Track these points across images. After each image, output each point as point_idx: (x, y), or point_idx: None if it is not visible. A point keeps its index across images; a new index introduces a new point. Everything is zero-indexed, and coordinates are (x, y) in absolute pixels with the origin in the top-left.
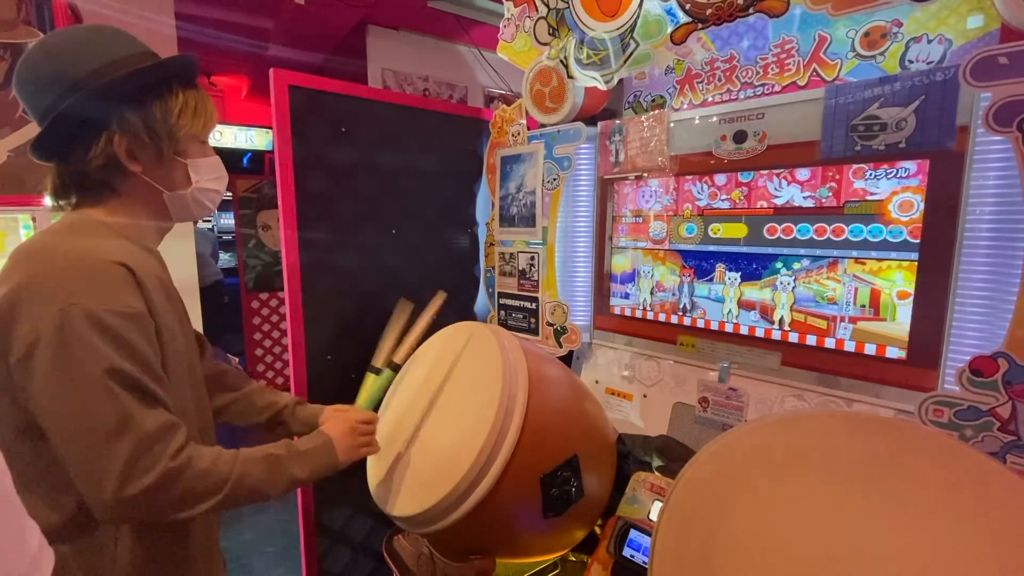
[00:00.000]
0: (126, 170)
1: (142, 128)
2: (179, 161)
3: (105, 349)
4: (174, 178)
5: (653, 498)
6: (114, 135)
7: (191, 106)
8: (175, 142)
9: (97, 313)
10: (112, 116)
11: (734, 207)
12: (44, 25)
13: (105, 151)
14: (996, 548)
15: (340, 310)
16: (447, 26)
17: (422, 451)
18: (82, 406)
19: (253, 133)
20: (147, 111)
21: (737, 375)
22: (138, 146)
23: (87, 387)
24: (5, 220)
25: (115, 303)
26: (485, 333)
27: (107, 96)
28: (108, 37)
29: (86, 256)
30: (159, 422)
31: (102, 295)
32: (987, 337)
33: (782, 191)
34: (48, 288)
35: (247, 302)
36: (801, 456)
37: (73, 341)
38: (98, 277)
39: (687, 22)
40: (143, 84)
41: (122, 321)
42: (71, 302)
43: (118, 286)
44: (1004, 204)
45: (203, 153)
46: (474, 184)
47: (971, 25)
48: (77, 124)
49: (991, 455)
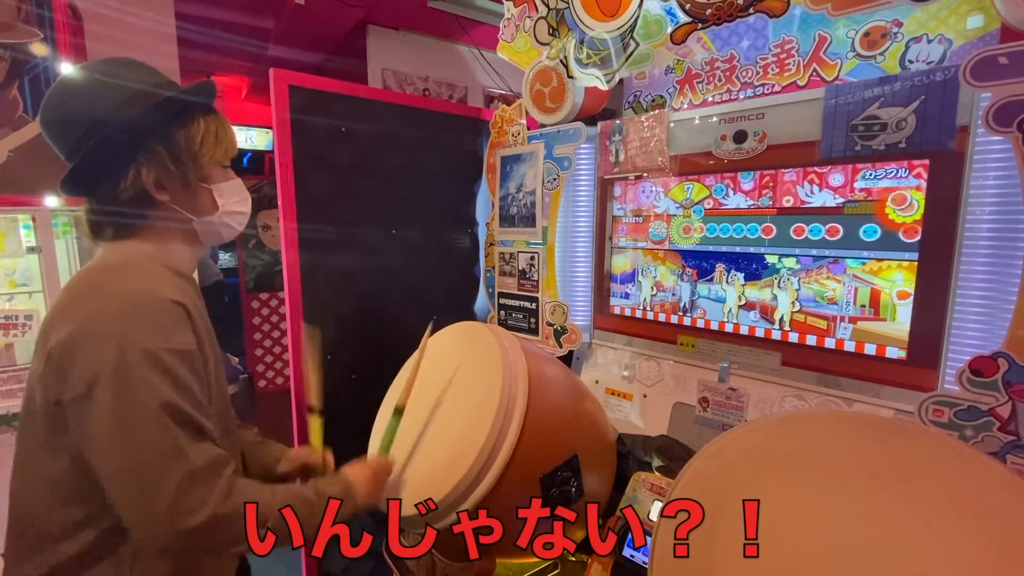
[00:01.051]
0: (155, 201)
1: (168, 158)
2: (204, 187)
3: (161, 385)
4: (201, 204)
5: (653, 498)
6: (142, 167)
7: (212, 132)
8: (200, 168)
9: (154, 352)
10: (139, 149)
11: (736, 207)
12: (44, 25)
13: (135, 184)
14: (996, 548)
15: (340, 310)
16: (447, 26)
17: (422, 451)
18: (137, 439)
19: (253, 133)
20: (172, 141)
21: (737, 375)
22: (165, 176)
23: (143, 421)
24: (5, 220)
25: (170, 341)
26: (485, 333)
27: (133, 130)
28: (128, 71)
29: (143, 295)
30: (208, 457)
31: (158, 334)
32: (987, 337)
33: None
34: (106, 328)
35: (247, 302)
36: (801, 456)
37: (131, 378)
38: (155, 317)
39: (687, 22)
40: (166, 115)
41: (176, 359)
42: (129, 340)
43: (173, 325)
44: (1004, 204)
45: (226, 177)
46: (474, 184)
47: (971, 25)
48: (106, 158)
49: (991, 455)
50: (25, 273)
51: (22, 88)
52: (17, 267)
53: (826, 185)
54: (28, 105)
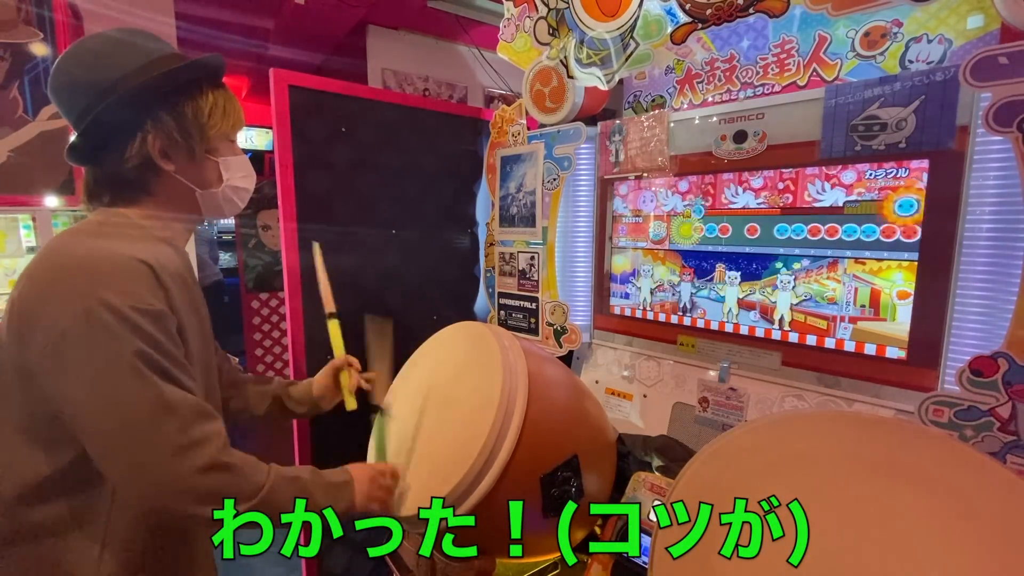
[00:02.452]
0: (160, 169)
1: (175, 128)
2: (210, 160)
3: (131, 336)
4: (206, 176)
5: (653, 498)
6: (148, 135)
7: (220, 105)
8: (206, 141)
9: (121, 308)
10: (146, 117)
11: (736, 207)
12: (44, 25)
13: (140, 151)
14: (996, 548)
15: (340, 310)
16: (447, 26)
17: (422, 451)
18: (118, 395)
19: (253, 133)
20: (179, 111)
21: (737, 375)
22: (171, 146)
23: (119, 374)
24: (5, 220)
25: (137, 301)
26: (485, 333)
27: (142, 98)
28: (139, 40)
29: (109, 253)
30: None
31: (125, 292)
32: (987, 337)
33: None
34: (71, 283)
35: (247, 302)
36: (801, 456)
37: (97, 331)
38: (120, 274)
39: (687, 22)
40: (175, 85)
41: (144, 318)
42: (94, 296)
43: (139, 284)
44: (1004, 204)
45: (232, 152)
46: (474, 184)
47: (971, 25)
48: (114, 126)
49: (991, 455)
50: None
51: (22, 88)
52: (17, 267)
53: (838, 183)
54: (28, 105)
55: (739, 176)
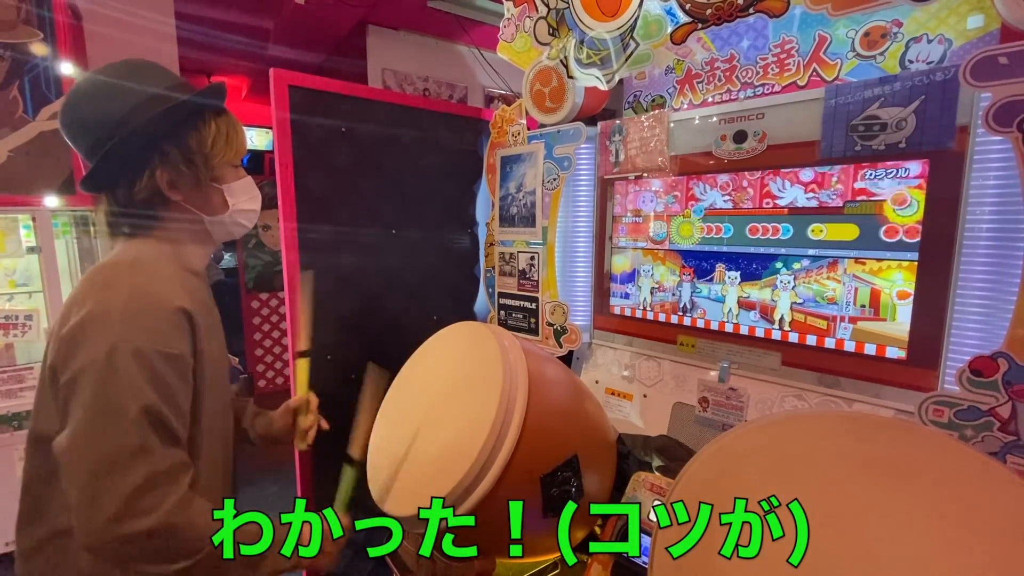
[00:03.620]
0: (168, 200)
1: (181, 160)
2: (216, 187)
3: (145, 386)
4: (213, 204)
5: (653, 498)
6: (156, 169)
7: (224, 133)
8: (211, 169)
9: (145, 352)
10: (153, 151)
11: (735, 207)
12: (44, 25)
13: (149, 184)
14: (996, 548)
15: (340, 310)
16: (447, 26)
17: (422, 451)
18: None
19: (253, 133)
20: (184, 143)
21: (737, 375)
22: (178, 176)
23: (119, 419)
24: (5, 220)
25: (164, 345)
26: (485, 333)
27: (147, 132)
28: (145, 73)
29: (148, 296)
30: (172, 461)
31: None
32: (987, 337)
33: (785, 192)
34: (105, 323)
35: (247, 302)
36: (801, 456)
37: (117, 375)
38: (155, 319)
39: (687, 22)
40: (179, 118)
41: (165, 363)
42: (124, 338)
43: (171, 330)
44: (1004, 204)
45: (236, 176)
46: (474, 184)
47: (971, 25)
48: (122, 160)
49: (991, 455)
50: (25, 273)
51: (22, 88)
52: (17, 267)
53: (828, 185)
54: (28, 105)
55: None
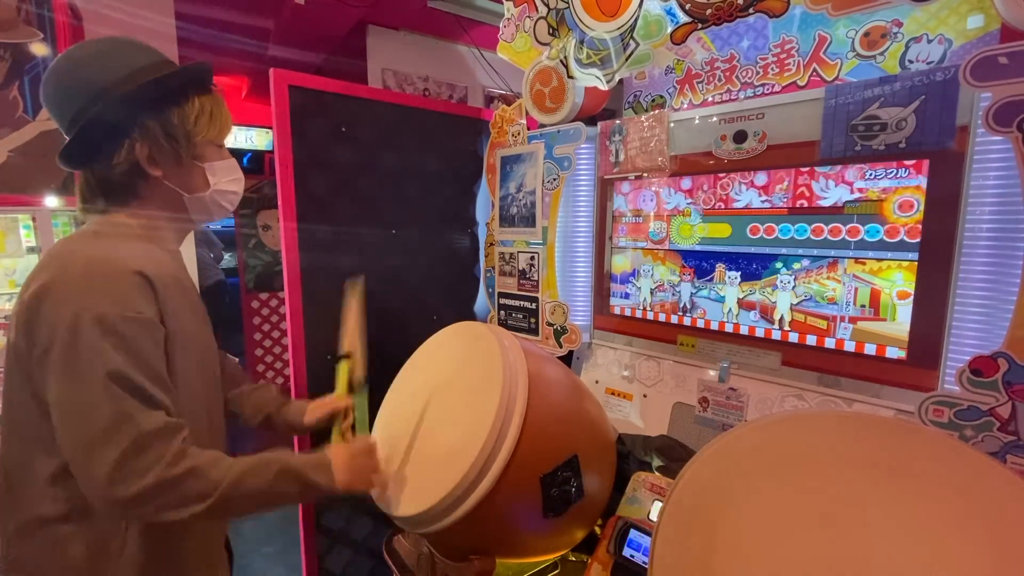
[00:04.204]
0: (147, 175)
1: (161, 134)
2: (197, 165)
3: (111, 352)
4: (193, 181)
5: (653, 498)
6: (136, 142)
7: (207, 111)
8: (193, 147)
9: (107, 318)
10: (134, 123)
11: (735, 207)
12: (44, 25)
13: (128, 157)
14: (996, 548)
15: (340, 310)
16: (447, 26)
17: (422, 451)
18: (83, 405)
19: (253, 133)
20: (166, 117)
21: (737, 375)
22: (158, 151)
23: (89, 387)
24: (5, 220)
25: (128, 308)
26: (485, 333)
27: (129, 104)
28: (129, 48)
29: (105, 262)
30: (158, 423)
31: (115, 301)
32: (987, 337)
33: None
34: (66, 291)
35: (247, 302)
36: (801, 456)
37: (81, 343)
38: (114, 283)
39: (687, 22)
40: (163, 92)
41: (130, 326)
42: (85, 306)
43: (132, 293)
44: (1004, 204)
45: (220, 156)
46: (474, 184)
47: (971, 25)
48: (101, 132)
49: (991, 455)
50: (25, 273)
51: (22, 88)
52: (17, 267)
53: (842, 181)
54: (28, 105)
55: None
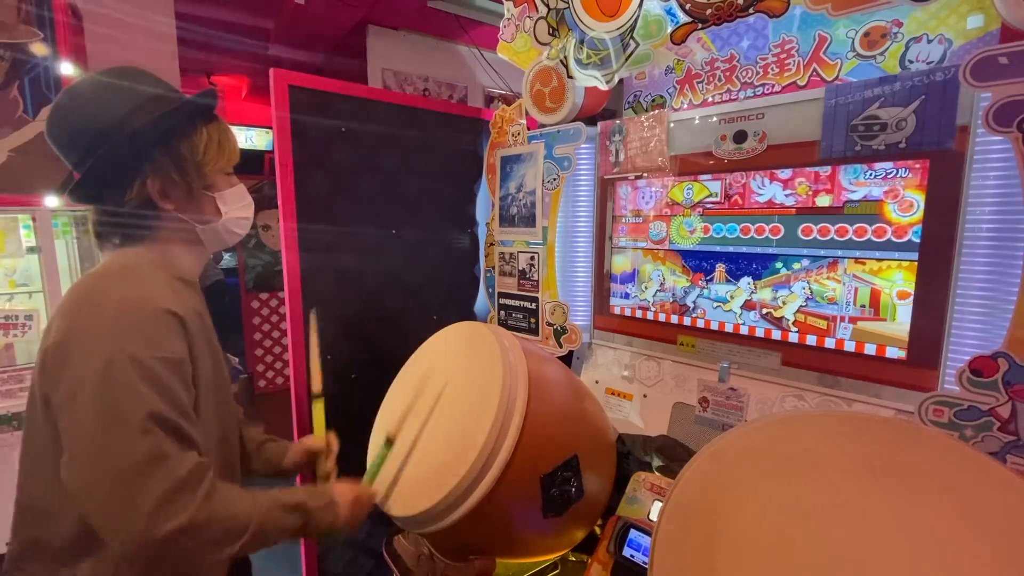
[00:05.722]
0: (160, 209)
1: (172, 168)
2: (208, 195)
3: (149, 394)
4: (205, 212)
5: (653, 498)
6: (147, 177)
7: (215, 141)
8: (203, 177)
9: (142, 360)
10: (144, 159)
11: (734, 207)
12: (44, 25)
13: (140, 193)
14: (995, 548)
15: (340, 310)
16: (447, 26)
17: (422, 451)
18: (120, 447)
19: (253, 133)
20: (175, 151)
21: (737, 375)
22: (169, 185)
23: (128, 429)
24: (5, 220)
25: (160, 350)
26: (485, 333)
27: (137, 141)
28: (132, 80)
29: (136, 303)
30: (191, 464)
31: (148, 342)
32: (987, 337)
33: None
34: (97, 335)
35: (247, 302)
36: (801, 456)
37: (118, 386)
38: (147, 325)
39: (687, 22)
40: (169, 126)
41: (165, 368)
42: (118, 348)
43: (165, 334)
44: (1004, 204)
45: (229, 184)
46: (474, 184)
47: (971, 25)
48: (112, 169)
49: (991, 455)
50: (25, 273)
51: (22, 88)
52: (17, 267)
53: (837, 186)
54: (28, 105)
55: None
